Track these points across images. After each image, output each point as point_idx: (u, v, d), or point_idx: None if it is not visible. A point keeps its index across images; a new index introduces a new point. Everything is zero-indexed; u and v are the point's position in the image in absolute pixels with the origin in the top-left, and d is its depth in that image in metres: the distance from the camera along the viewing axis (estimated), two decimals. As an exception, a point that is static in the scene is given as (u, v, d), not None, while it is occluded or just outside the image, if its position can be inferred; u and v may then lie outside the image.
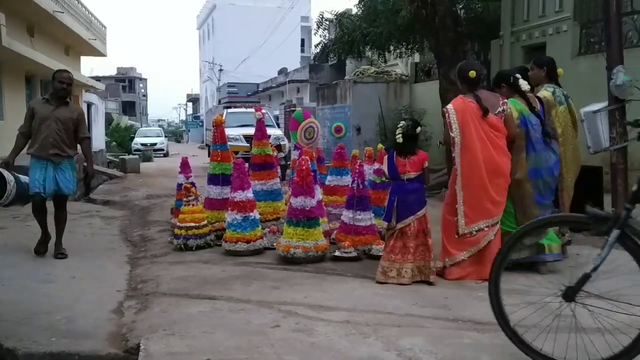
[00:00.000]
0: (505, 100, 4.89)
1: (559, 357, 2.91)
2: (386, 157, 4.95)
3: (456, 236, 4.72)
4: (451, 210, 4.81)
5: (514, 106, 4.91)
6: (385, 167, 4.90)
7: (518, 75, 5.07)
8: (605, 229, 2.79)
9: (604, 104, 6.54)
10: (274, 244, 5.79)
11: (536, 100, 5.10)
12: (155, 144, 31.73)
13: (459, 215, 4.69)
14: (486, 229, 4.69)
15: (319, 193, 6.24)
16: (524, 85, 5.03)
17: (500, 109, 4.79)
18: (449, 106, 4.81)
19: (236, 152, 10.66)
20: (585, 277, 2.85)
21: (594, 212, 2.88)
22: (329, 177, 6.98)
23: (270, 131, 9.04)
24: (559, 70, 5.51)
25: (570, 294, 2.88)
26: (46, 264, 5.47)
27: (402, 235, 4.69)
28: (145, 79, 77.72)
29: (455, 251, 4.75)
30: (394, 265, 4.66)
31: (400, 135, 4.75)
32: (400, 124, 4.84)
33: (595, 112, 6.45)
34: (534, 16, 11.00)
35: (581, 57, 9.90)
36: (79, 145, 5.99)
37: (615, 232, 2.76)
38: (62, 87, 5.75)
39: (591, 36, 10.00)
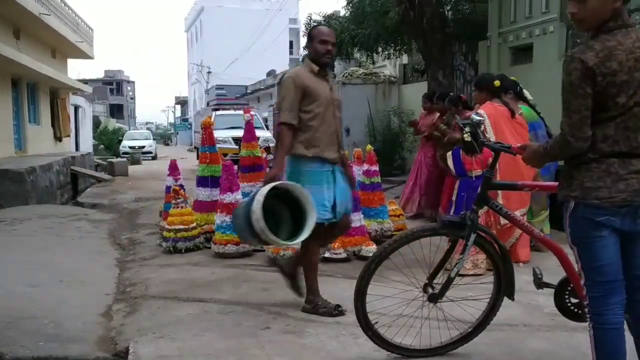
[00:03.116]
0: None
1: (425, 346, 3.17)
2: (450, 154, 5.10)
3: (498, 227, 4.98)
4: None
5: (524, 112, 5.44)
6: (451, 165, 5.05)
7: (521, 86, 5.55)
8: (463, 234, 2.96)
9: None
10: (264, 246, 5.77)
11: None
12: (143, 147, 31.53)
13: None
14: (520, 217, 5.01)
15: (308, 194, 6.23)
16: (528, 95, 5.57)
17: (520, 111, 5.35)
18: (481, 112, 5.06)
19: (225, 155, 10.62)
20: (450, 281, 3.03)
21: (449, 219, 3.07)
22: (318, 179, 6.97)
23: (259, 133, 9.03)
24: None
25: (436, 297, 3.08)
26: (33, 268, 5.41)
27: None
28: (133, 82, 77.33)
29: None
30: (468, 258, 4.78)
31: (469, 134, 4.89)
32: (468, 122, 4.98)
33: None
34: (520, 17, 11.06)
35: (568, 57, 9.96)
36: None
37: (473, 236, 2.95)
38: (327, 50, 3.90)
39: (577, 37, 10.06)
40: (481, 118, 3.18)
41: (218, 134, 10.28)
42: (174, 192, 6.25)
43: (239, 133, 8.67)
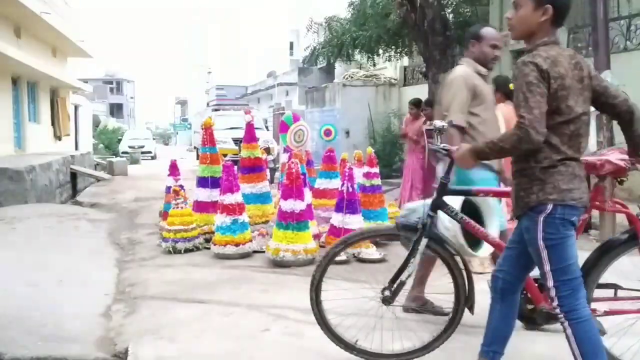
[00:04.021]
0: None
1: (377, 350, 3.13)
2: None
3: None
4: None
5: None
6: None
7: None
8: (415, 238, 2.96)
9: (591, 108, 6.61)
10: (263, 247, 5.77)
11: None
12: (143, 147, 31.52)
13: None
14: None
15: (308, 196, 6.24)
16: None
17: None
18: (498, 113, 5.16)
19: (224, 155, 10.63)
20: (401, 285, 3.02)
21: (403, 222, 3.06)
22: (318, 180, 6.98)
23: (259, 134, 9.05)
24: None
25: (389, 300, 3.04)
26: (32, 267, 5.40)
27: None
28: (133, 81, 77.27)
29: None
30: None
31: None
32: None
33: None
34: (521, 21, 11.07)
35: (568, 61, 9.99)
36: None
37: (424, 241, 2.93)
38: (495, 55, 3.77)
39: (578, 41, 10.08)
40: (444, 124, 3.11)
41: (218, 135, 10.29)
42: (174, 193, 6.24)
43: (239, 133, 8.68)
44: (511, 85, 5.52)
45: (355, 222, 5.73)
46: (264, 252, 5.70)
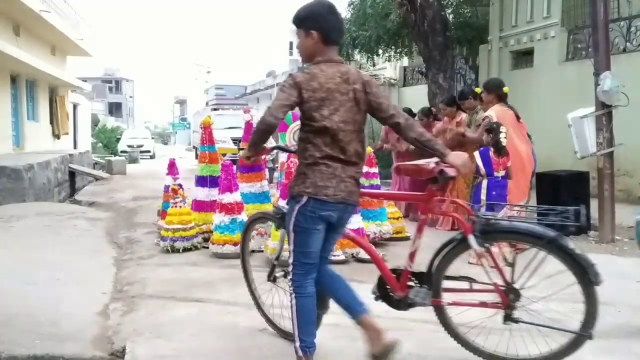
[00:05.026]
0: None
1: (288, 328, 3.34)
2: (478, 154, 5.56)
3: None
4: None
5: None
6: (480, 165, 5.49)
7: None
8: (283, 225, 3.24)
9: (591, 109, 6.60)
10: (262, 247, 5.76)
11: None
12: (141, 146, 31.53)
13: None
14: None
15: (307, 196, 6.22)
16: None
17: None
18: (491, 113, 5.68)
19: (223, 154, 10.61)
20: (273, 266, 3.50)
21: (278, 209, 3.44)
22: (317, 180, 6.96)
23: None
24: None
25: (271, 278, 3.52)
26: (29, 266, 5.38)
27: None
28: (132, 80, 77.20)
29: None
30: (501, 251, 4.95)
31: (505, 138, 5.49)
32: (503, 129, 5.49)
33: (582, 117, 6.54)
34: (522, 22, 11.09)
35: (568, 62, 9.99)
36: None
37: (281, 230, 3.31)
38: None
39: (578, 42, 10.09)
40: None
41: (217, 134, 10.27)
42: (172, 191, 6.23)
43: (238, 133, 8.66)
44: (505, 89, 5.80)
45: (355, 221, 5.71)
46: (262, 251, 5.68)
